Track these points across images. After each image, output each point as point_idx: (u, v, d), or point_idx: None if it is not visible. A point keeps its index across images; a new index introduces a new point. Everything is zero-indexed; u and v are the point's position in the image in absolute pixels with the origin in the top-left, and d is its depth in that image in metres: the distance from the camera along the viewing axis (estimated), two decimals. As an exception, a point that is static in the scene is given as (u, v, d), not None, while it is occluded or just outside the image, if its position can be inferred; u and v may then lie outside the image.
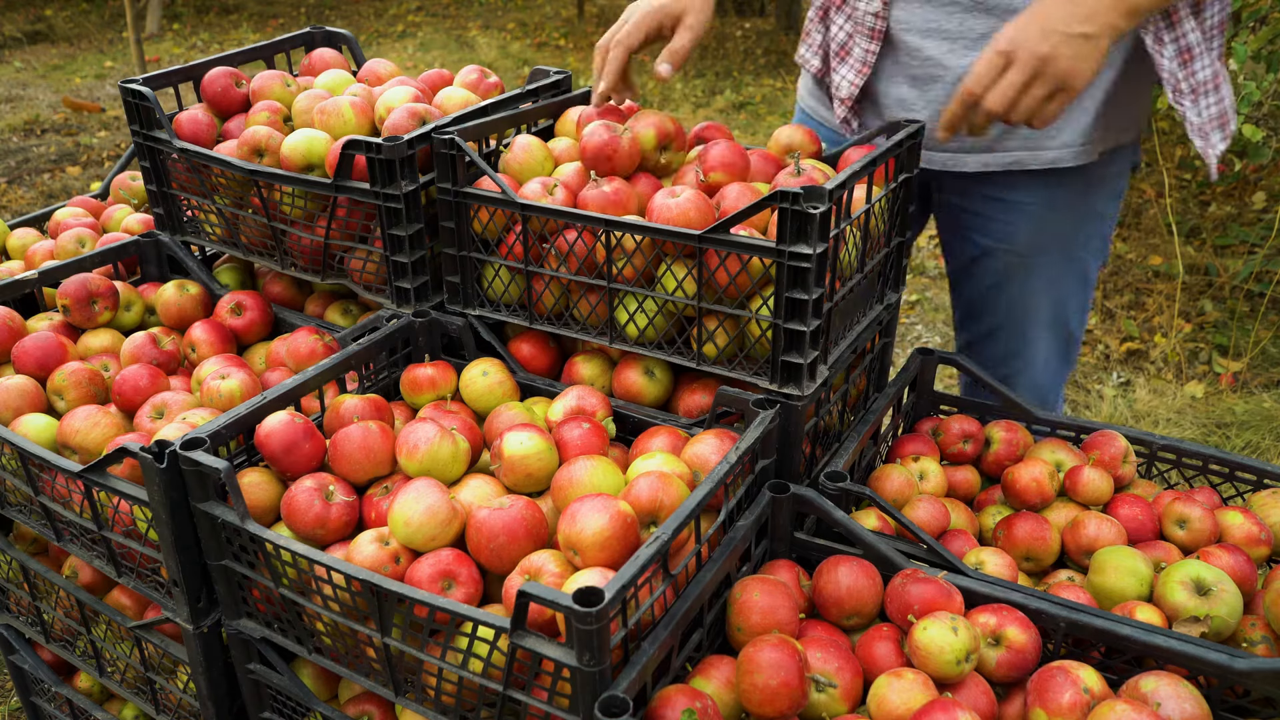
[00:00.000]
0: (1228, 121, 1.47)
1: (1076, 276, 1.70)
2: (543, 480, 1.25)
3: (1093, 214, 1.65)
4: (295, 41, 2.00)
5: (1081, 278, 1.71)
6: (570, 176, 1.47)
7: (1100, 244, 1.70)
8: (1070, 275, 1.69)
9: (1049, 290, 1.69)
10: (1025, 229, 1.63)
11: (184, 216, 1.80)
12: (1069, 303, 1.73)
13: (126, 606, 1.47)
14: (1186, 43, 1.39)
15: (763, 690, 1.02)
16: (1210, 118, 1.45)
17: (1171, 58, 1.40)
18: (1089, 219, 1.65)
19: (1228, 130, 1.47)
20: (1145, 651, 1.07)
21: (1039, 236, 1.63)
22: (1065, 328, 1.75)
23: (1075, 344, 1.81)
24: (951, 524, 1.43)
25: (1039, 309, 1.71)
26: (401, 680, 1.13)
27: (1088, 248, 1.68)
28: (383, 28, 8.94)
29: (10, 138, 6.08)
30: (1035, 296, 1.69)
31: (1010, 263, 1.67)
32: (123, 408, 1.47)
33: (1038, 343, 1.74)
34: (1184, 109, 1.42)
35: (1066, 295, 1.71)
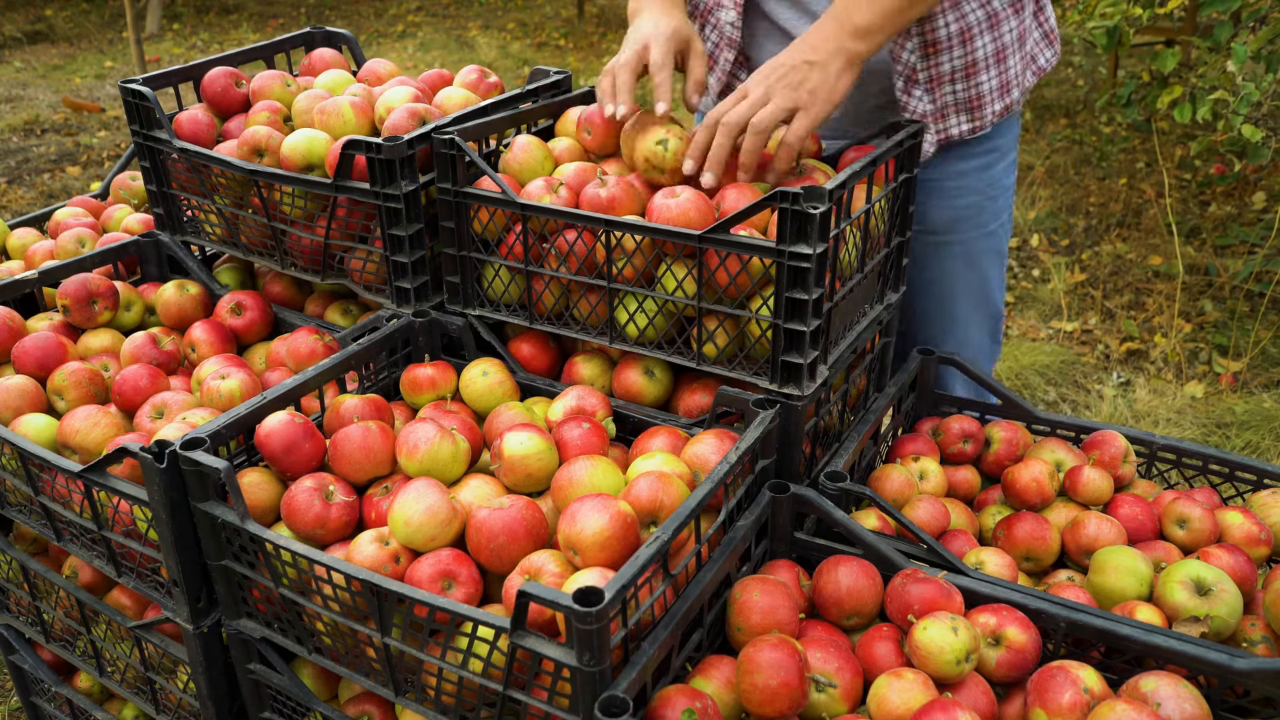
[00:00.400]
0: (981, 104, 1.59)
1: (993, 252, 1.76)
2: (543, 480, 1.25)
3: (998, 187, 1.72)
4: (295, 41, 2.00)
5: (997, 253, 1.77)
6: (570, 176, 1.47)
7: (1008, 216, 1.77)
8: (988, 251, 1.75)
9: (969, 267, 1.74)
10: (943, 208, 1.69)
11: (184, 216, 1.80)
12: (991, 278, 1.78)
13: (126, 606, 1.47)
14: (934, 37, 1.51)
15: (763, 690, 1.02)
16: (949, 103, 1.58)
17: (912, 50, 1.53)
18: (997, 190, 1.71)
19: (978, 113, 1.60)
20: (1145, 651, 1.07)
21: (951, 213, 1.69)
22: (991, 305, 1.81)
23: (1000, 322, 1.86)
24: (951, 524, 1.43)
25: (966, 287, 1.76)
26: (401, 680, 1.13)
27: (999, 221, 1.74)
28: (383, 28, 8.94)
29: (10, 138, 6.09)
30: (956, 275, 1.75)
31: (926, 243, 1.72)
32: (123, 408, 1.47)
33: (967, 321, 1.79)
34: (910, 99, 1.56)
35: (987, 270, 1.77)
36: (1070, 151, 5.27)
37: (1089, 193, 4.75)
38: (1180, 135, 5.02)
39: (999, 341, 1.89)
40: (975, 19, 1.52)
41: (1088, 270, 4.10)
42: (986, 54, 1.55)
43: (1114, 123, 5.50)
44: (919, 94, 1.56)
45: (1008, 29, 1.56)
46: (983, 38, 1.54)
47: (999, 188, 1.72)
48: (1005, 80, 1.60)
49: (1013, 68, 1.59)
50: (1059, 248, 4.31)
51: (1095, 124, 5.58)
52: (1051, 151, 5.27)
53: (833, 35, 1.37)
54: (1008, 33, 1.56)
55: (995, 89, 1.59)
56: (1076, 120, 5.71)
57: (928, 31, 1.52)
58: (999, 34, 1.55)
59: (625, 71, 1.44)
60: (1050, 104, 6.02)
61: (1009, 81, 1.60)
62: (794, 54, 1.37)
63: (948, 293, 1.76)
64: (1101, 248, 4.25)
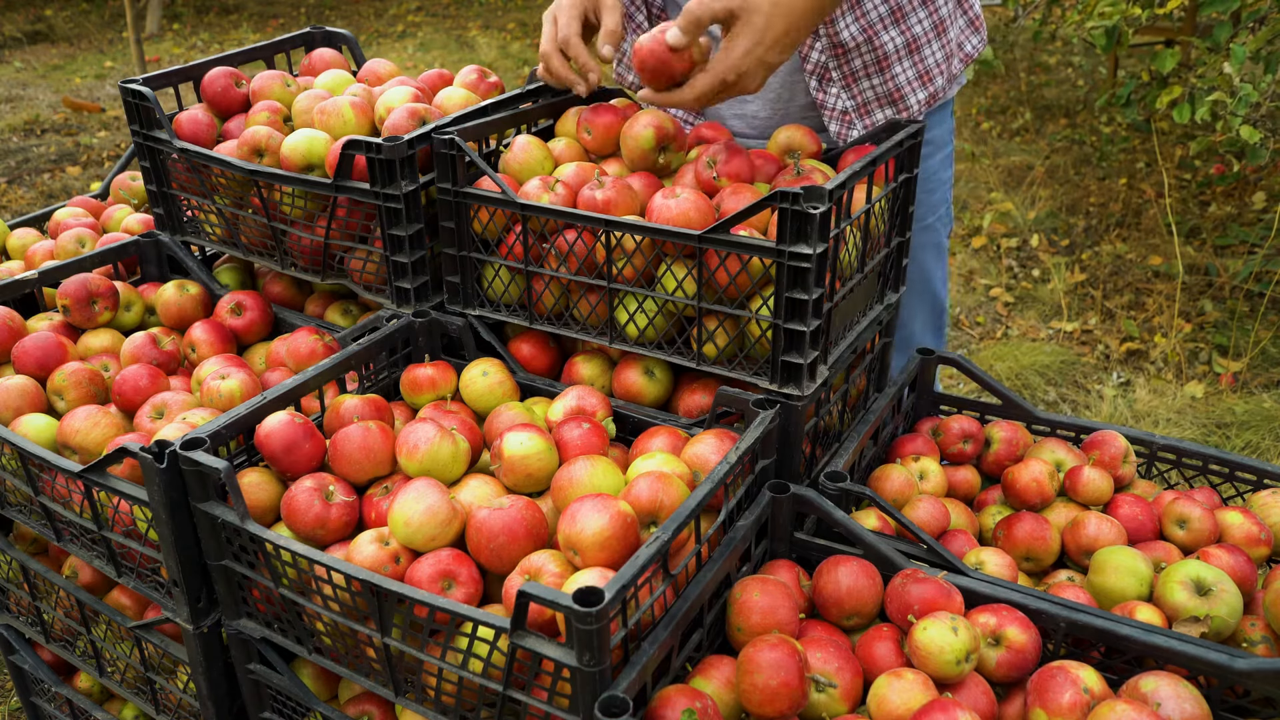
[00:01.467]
0: (902, 95, 1.63)
1: (932, 245, 1.78)
2: (543, 480, 1.25)
3: (935, 180, 1.74)
4: (295, 41, 2.00)
5: (937, 246, 1.79)
6: (570, 176, 1.47)
7: (945, 211, 1.79)
8: (926, 245, 1.77)
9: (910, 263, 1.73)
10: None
11: (184, 216, 1.80)
12: (933, 272, 1.80)
13: (126, 606, 1.47)
14: (839, 40, 1.56)
15: (763, 690, 1.02)
16: (870, 98, 1.62)
17: (822, 50, 1.57)
18: (932, 185, 1.73)
19: (901, 104, 1.64)
20: (1145, 651, 1.07)
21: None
22: (934, 297, 1.83)
23: (944, 315, 1.88)
24: (951, 524, 1.43)
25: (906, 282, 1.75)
26: (401, 680, 1.13)
27: (936, 215, 1.76)
28: (383, 28, 8.94)
29: (10, 138, 6.09)
30: None
31: None
32: (123, 408, 1.47)
33: (909, 316, 1.81)
34: (827, 95, 1.61)
35: (928, 265, 1.79)
36: (1070, 151, 5.27)
37: (1089, 193, 4.75)
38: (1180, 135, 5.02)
39: (943, 335, 1.91)
40: (878, 15, 1.54)
41: (1088, 270, 4.10)
42: (897, 46, 1.57)
43: (1114, 123, 5.50)
44: (835, 91, 1.59)
45: (917, 20, 1.58)
46: (888, 32, 1.56)
47: (934, 181, 1.74)
48: (924, 69, 1.61)
49: (930, 56, 1.61)
50: (1059, 248, 4.31)
51: (1095, 124, 5.59)
52: (1051, 151, 5.27)
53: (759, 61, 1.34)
54: (918, 24, 1.58)
55: (914, 79, 1.61)
56: (1076, 120, 5.72)
57: (831, 34, 1.54)
58: (907, 26, 1.57)
59: (554, 59, 1.54)
60: (1050, 104, 6.02)
61: (929, 70, 1.62)
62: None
63: None
64: (1101, 248, 4.25)
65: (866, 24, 1.54)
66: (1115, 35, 3.77)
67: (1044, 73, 6.68)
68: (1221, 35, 3.36)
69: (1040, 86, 6.37)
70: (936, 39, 1.61)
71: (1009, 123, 5.78)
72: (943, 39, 1.62)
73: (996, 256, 4.29)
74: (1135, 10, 3.59)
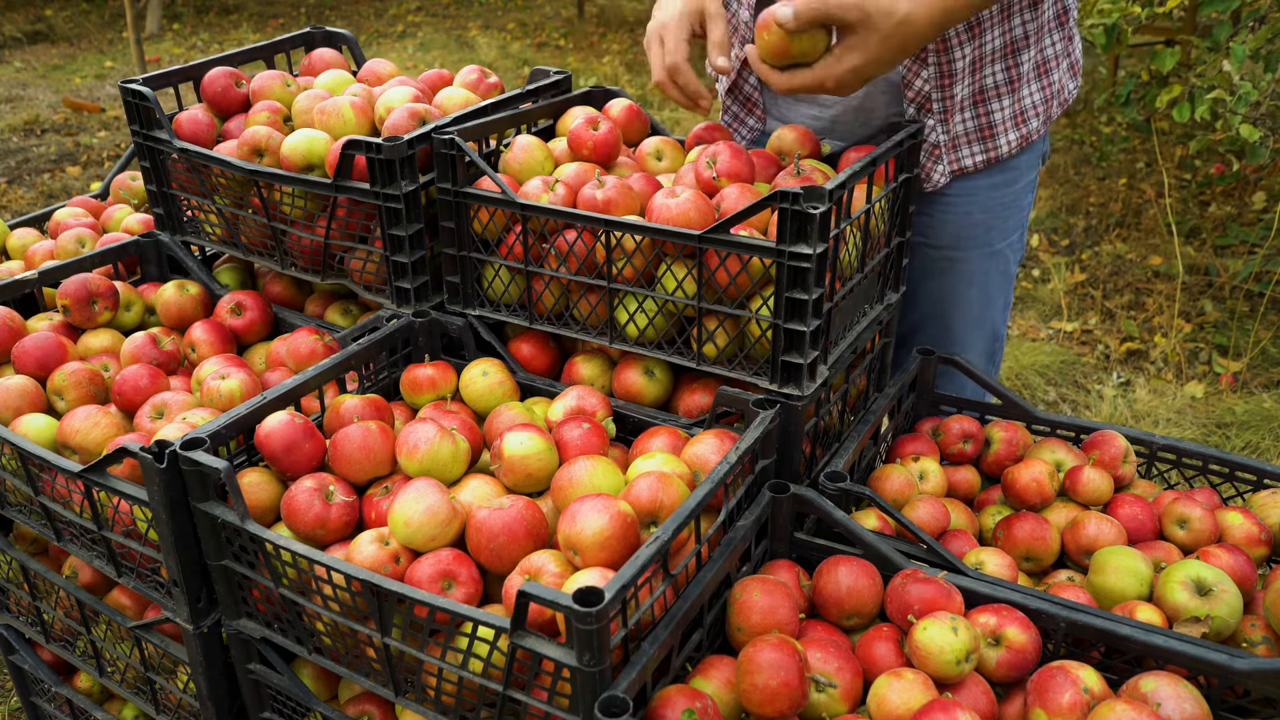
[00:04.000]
0: (994, 134, 1.58)
1: (999, 272, 1.73)
2: (543, 480, 1.25)
3: (1013, 206, 1.69)
4: (295, 41, 2.00)
5: (1004, 273, 1.75)
6: (570, 176, 1.47)
7: (1019, 238, 1.74)
8: (993, 271, 1.72)
9: (973, 286, 1.72)
10: (947, 223, 1.66)
11: (184, 216, 1.80)
12: (995, 300, 1.76)
13: (126, 606, 1.47)
14: (952, 69, 1.50)
15: (763, 690, 1.02)
16: (960, 133, 1.57)
17: (928, 79, 1.51)
18: (1009, 211, 1.68)
19: (990, 143, 1.59)
20: (1145, 651, 1.07)
21: (961, 231, 1.66)
22: (991, 326, 1.79)
23: (1000, 344, 1.84)
24: (951, 524, 1.43)
25: (965, 305, 1.74)
26: (401, 680, 1.13)
27: (1007, 241, 1.71)
28: (383, 28, 8.94)
29: (10, 138, 6.08)
30: (960, 293, 1.72)
31: (932, 257, 1.69)
32: (123, 408, 1.47)
33: (964, 340, 1.77)
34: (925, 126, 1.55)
35: (992, 292, 1.74)
36: (1070, 151, 5.27)
37: (1089, 193, 4.75)
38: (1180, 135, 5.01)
39: (997, 364, 1.86)
40: (992, 48, 1.50)
41: (1088, 270, 4.10)
42: (997, 82, 1.53)
43: (1114, 122, 5.50)
44: (932, 123, 1.55)
45: (1027, 57, 1.53)
46: (995, 65, 1.51)
47: (1011, 208, 1.68)
48: (1020, 110, 1.56)
49: (1028, 96, 1.56)
50: (1059, 248, 4.31)
51: (1095, 124, 5.58)
52: (1051, 151, 5.27)
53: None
54: (1026, 60, 1.54)
55: (1009, 118, 1.56)
56: (1076, 120, 5.71)
57: (944, 63, 1.49)
58: (1015, 62, 1.53)
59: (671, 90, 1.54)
60: (1050, 104, 6.01)
61: (1024, 111, 1.57)
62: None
63: (947, 309, 1.74)
64: (1101, 248, 4.25)
65: (979, 55, 1.49)
66: (1115, 34, 3.76)
67: (1044, 72, 6.67)
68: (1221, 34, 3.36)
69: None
70: (1038, 79, 1.57)
71: (1009, 122, 5.77)
72: (1044, 79, 1.58)
73: (996, 256, 4.28)
74: (1135, 9, 3.59)
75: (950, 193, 1.64)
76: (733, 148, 1.43)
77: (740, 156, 1.42)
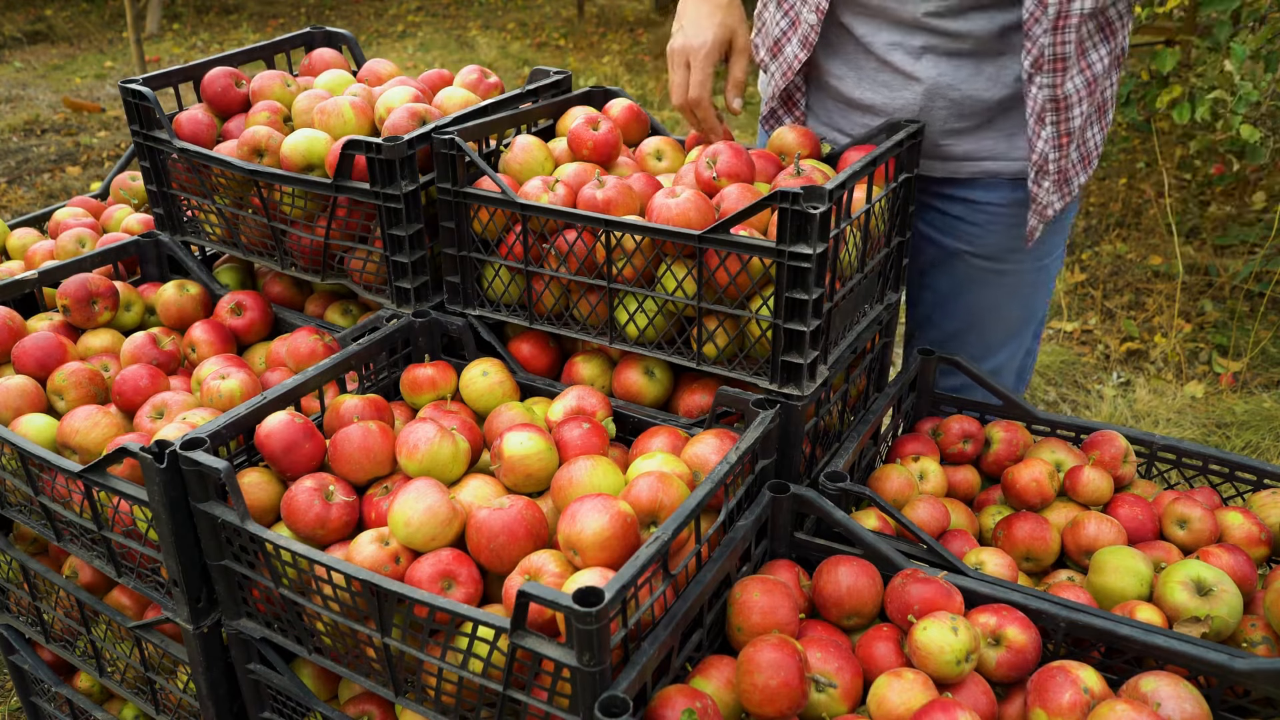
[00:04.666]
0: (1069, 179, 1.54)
1: (1042, 284, 1.71)
2: (543, 480, 1.25)
3: (1062, 220, 1.66)
4: (295, 41, 2.00)
5: (1046, 285, 1.72)
6: (570, 176, 1.47)
7: (1061, 252, 1.71)
8: (1038, 282, 1.70)
9: (1015, 297, 1.69)
10: (995, 233, 1.62)
11: (184, 216, 1.80)
12: (1035, 312, 1.73)
13: (126, 606, 1.47)
14: (1068, 127, 1.47)
15: (763, 690, 1.02)
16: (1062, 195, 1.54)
17: (1047, 140, 1.47)
18: (1057, 225, 1.65)
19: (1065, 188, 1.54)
20: (1145, 651, 1.07)
21: (1009, 241, 1.63)
22: (1026, 342, 1.76)
23: (1032, 360, 1.81)
24: (951, 524, 1.43)
25: (1005, 317, 1.71)
26: (401, 680, 1.13)
27: (1053, 255, 1.69)
28: (383, 28, 8.94)
29: (10, 138, 6.08)
30: (1001, 304, 1.69)
31: (977, 266, 1.66)
32: (123, 408, 1.47)
33: (1000, 352, 1.74)
34: (1040, 190, 1.52)
35: (1034, 303, 1.72)
36: (1070, 151, 5.26)
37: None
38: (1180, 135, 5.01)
39: (1025, 381, 1.83)
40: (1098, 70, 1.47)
41: (1088, 270, 4.10)
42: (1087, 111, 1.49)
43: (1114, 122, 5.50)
44: (1048, 185, 1.51)
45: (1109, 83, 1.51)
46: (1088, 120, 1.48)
47: (1059, 223, 1.65)
48: (1086, 152, 1.54)
49: (1092, 138, 1.54)
50: (1059, 248, 4.30)
51: (1095, 124, 5.58)
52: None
53: None
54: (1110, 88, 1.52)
55: (1079, 160, 1.54)
56: (1076, 120, 5.70)
57: (1062, 121, 1.45)
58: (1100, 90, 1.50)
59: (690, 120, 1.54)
60: (1050, 104, 6.01)
61: (1089, 154, 1.55)
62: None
63: (987, 319, 1.70)
64: (1101, 248, 4.25)
65: (1091, 77, 1.45)
66: (1115, 34, 3.76)
67: (1044, 72, 6.67)
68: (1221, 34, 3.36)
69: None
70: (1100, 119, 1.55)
71: (1009, 122, 5.77)
72: (1104, 119, 1.56)
73: (996, 256, 4.28)
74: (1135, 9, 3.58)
75: (1003, 202, 1.60)
76: (733, 148, 1.43)
77: (740, 156, 1.42)
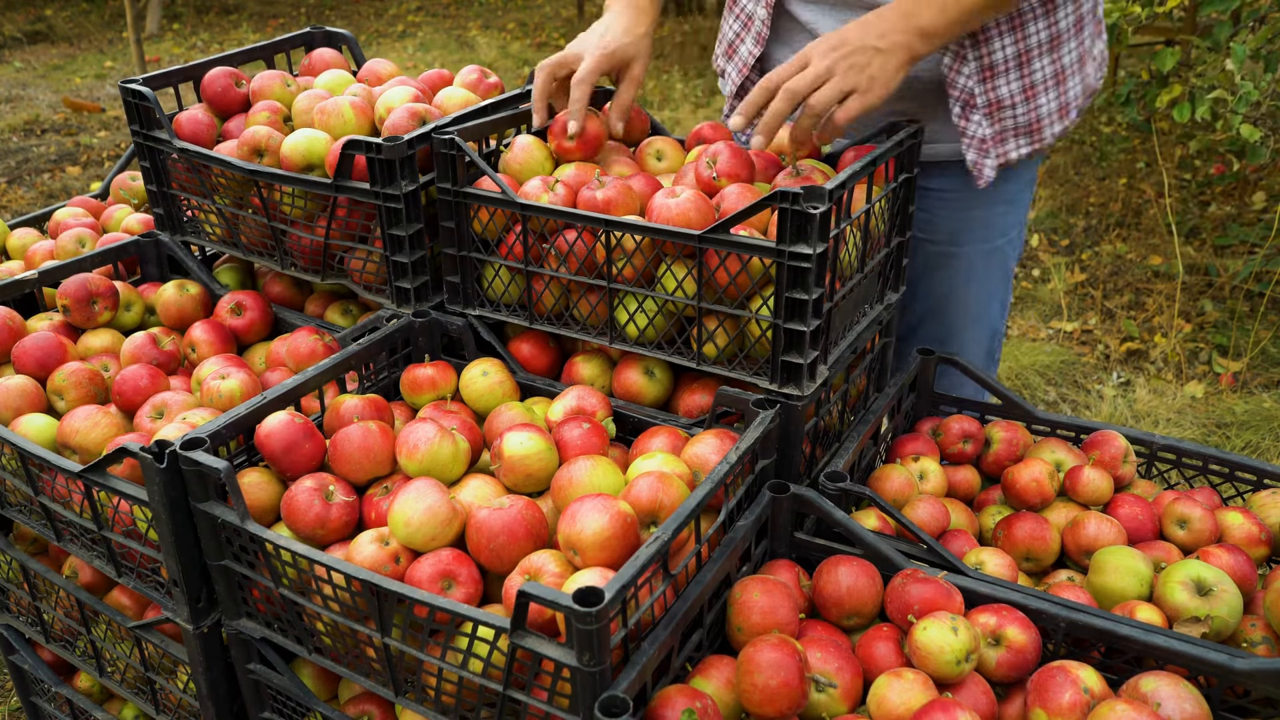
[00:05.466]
0: (1040, 128, 1.57)
1: (998, 268, 1.74)
2: (543, 480, 1.25)
3: (1013, 202, 1.69)
4: (295, 41, 2.00)
5: (1003, 270, 1.75)
6: (570, 176, 1.47)
7: (1017, 234, 1.74)
8: (992, 266, 1.73)
9: (970, 280, 1.72)
10: (945, 218, 1.67)
11: (184, 216, 1.80)
12: (993, 297, 1.76)
13: (126, 606, 1.47)
14: (990, 61, 1.50)
15: (763, 690, 1.02)
16: (1009, 127, 1.56)
17: (969, 75, 1.51)
18: (1009, 208, 1.68)
19: (1037, 135, 1.57)
20: (1145, 651, 1.07)
21: (959, 225, 1.67)
22: (990, 324, 1.79)
23: (999, 342, 1.84)
24: (951, 524, 1.43)
25: (963, 302, 1.74)
26: (401, 680, 1.13)
27: (1006, 237, 1.72)
28: (383, 28, 8.94)
29: (10, 138, 6.08)
30: (957, 287, 1.73)
31: (931, 252, 1.70)
32: (123, 408, 1.47)
33: (962, 334, 1.77)
34: (969, 123, 1.54)
35: (991, 288, 1.75)
36: (1070, 151, 5.27)
37: (1089, 193, 4.75)
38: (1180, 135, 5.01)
39: (995, 362, 1.87)
40: (1037, 40, 1.50)
41: (1088, 270, 4.10)
42: (1045, 76, 1.53)
43: (1114, 122, 5.50)
44: (978, 119, 1.54)
45: (1068, 50, 1.54)
46: (1041, 60, 1.52)
47: (1011, 204, 1.68)
48: (1065, 103, 1.57)
49: (1072, 89, 1.57)
50: (1059, 248, 4.31)
51: (1095, 124, 5.58)
52: (1051, 151, 5.27)
53: (900, 28, 1.36)
54: (1068, 54, 1.54)
55: (1054, 111, 1.57)
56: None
57: (984, 55, 1.49)
58: (1058, 55, 1.53)
59: (545, 80, 1.54)
60: (1050, 104, 6.01)
61: (1068, 104, 1.58)
62: (861, 35, 1.35)
63: (945, 305, 1.75)
64: (1101, 248, 4.25)
65: (1024, 49, 1.50)
66: (1115, 34, 3.76)
67: (1044, 72, 6.67)
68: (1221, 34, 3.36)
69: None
70: (1078, 72, 1.58)
71: (1009, 122, 5.77)
72: (1082, 72, 1.59)
73: (996, 256, 4.28)
74: (1135, 9, 3.59)
75: (950, 188, 1.64)
76: (733, 147, 1.43)
77: (740, 156, 1.42)
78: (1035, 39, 1.50)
